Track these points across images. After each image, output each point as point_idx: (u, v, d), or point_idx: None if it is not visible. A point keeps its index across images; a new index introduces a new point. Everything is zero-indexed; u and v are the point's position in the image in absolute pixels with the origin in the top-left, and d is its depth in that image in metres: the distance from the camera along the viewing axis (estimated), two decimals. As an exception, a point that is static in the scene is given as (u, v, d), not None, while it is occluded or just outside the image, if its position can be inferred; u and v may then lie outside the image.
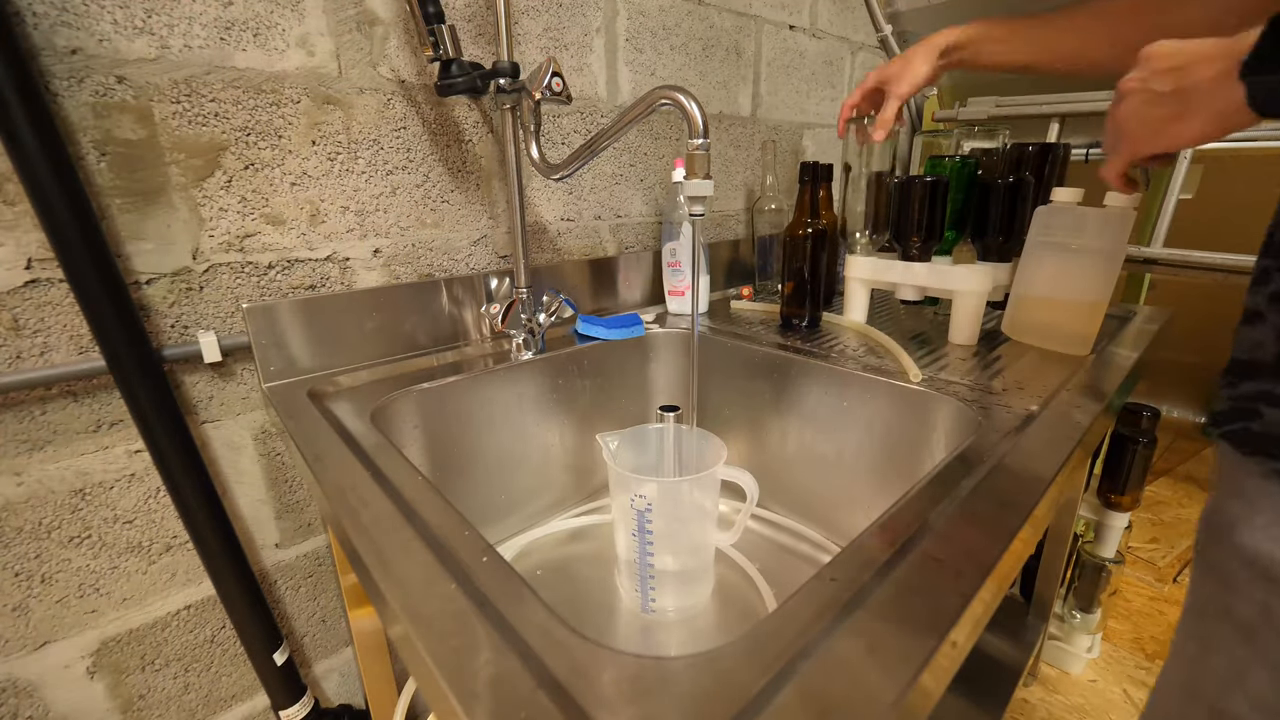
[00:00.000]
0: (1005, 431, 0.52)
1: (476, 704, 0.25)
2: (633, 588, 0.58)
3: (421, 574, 0.34)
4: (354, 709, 0.77)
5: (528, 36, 0.76)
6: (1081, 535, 1.10)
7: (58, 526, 0.55)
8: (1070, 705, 1.06)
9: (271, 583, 0.69)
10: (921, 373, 0.65)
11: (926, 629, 0.29)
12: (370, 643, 0.70)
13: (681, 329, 0.87)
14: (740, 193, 1.12)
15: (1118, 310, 0.90)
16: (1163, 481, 1.75)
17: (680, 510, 0.54)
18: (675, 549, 0.56)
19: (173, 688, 0.64)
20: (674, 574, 0.57)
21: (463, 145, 0.73)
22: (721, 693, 0.26)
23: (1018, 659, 0.98)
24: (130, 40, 0.51)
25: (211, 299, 0.59)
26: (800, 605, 0.31)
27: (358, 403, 0.60)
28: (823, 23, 1.17)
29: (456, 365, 0.70)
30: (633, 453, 0.58)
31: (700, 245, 0.97)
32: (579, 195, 0.87)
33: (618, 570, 0.62)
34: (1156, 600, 1.31)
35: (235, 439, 0.63)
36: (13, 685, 0.55)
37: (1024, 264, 0.73)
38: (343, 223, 0.66)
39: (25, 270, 0.50)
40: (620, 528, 0.57)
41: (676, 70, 0.94)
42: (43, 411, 0.53)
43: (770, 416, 0.78)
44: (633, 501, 0.52)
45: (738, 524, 0.55)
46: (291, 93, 0.60)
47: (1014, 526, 0.37)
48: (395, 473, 0.45)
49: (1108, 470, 1.02)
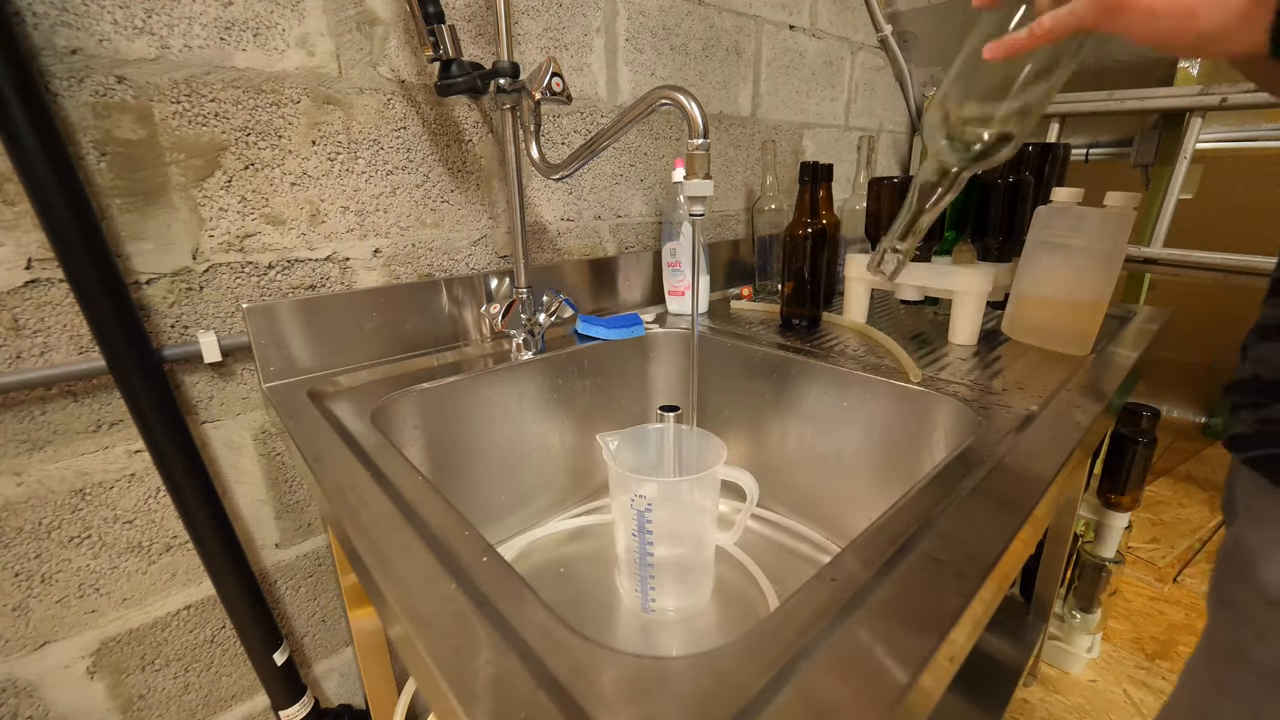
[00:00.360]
0: (1005, 431, 0.52)
1: (476, 704, 0.25)
2: (633, 587, 0.58)
3: (421, 574, 0.34)
4: (354, 709, 0.77)
5: (528, 36, 0.76)
6: (1081, 535, 1.10)
7: (58, 526, 0.55)
8: (1070, 705, 1.06)
9: (271, 583, 0.69)
10: (922, 373, 0.65)
11: (926, 629, 0.29)
12: (370, 643, 0.70)
13: (681, 329, 0.87)
14: (740, 193, 1.12)
15: (1118, 310, 0.90)
16: (1163, 481, 1.75)
17: (680, 510, 0.54)
18: (675, 549, 0.56)
19: (173, 688, 0.64)
20: (673, 574, 0.57)
21: (463, 145, 0.73)
22: (721, 693, 0.26)
23: (1018, 659, 0.98)
24: (130, 40, 0.51)
25: (211, 299, 0.59)
26: (800, 605, 0.31)
27: (358, 403, 0.60)
28: (823, 23, 1.17)
29: (456, 365, 0.70)
30: (633, 453, 0.58)
31: (700, 245, 0.97)
32: (579, 195, 0.87)
33: (618, 570, 0.62)
34: (1156, 600, 1.31)
35: (235, 439, 0.63)
36: (13, 685, 0.55)
37: (1024, 264, 0.73)
38: (343, 223, 0.66)
39: (25, 270, 0.50)
40: (620, 528, 0.57)
41: (676, 70, 0.94)
42: (43, 411, 0.53)
43: (770, 416, 0.78)
44: (633, 502, 0.52)
45: (738, 524, 0.55)
46: (291, 93, 0.60)
47: (1014, 526, 0.37)
48: (395, 473, 0.45)
49: (1108, 470, 1.02)
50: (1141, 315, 0.88)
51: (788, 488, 0.77)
